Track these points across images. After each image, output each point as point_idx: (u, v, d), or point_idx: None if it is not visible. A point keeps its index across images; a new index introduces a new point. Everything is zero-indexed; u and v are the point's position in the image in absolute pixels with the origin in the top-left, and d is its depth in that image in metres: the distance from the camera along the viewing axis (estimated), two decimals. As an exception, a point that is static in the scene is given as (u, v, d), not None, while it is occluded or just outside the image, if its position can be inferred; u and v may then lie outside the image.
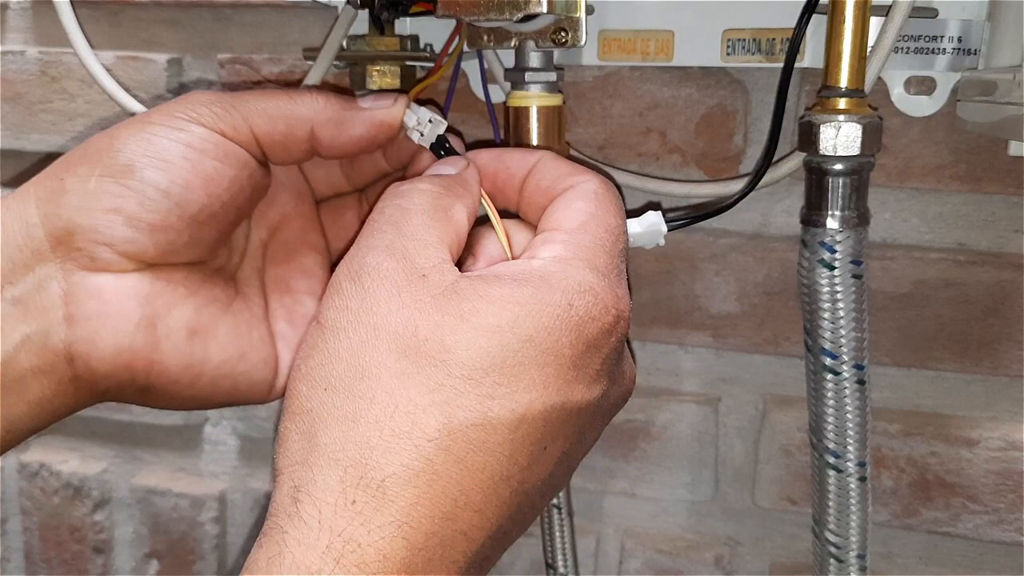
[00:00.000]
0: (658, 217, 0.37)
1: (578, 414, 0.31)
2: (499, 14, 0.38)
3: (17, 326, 0.33)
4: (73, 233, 0.33)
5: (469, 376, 0.28)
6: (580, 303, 0.30)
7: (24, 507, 0.67)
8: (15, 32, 0.59)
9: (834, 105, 0.39)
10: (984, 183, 0.45)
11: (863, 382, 0.41)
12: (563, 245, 0.32)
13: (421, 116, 0.37)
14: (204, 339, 0.36)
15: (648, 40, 0.46)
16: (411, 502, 0.27)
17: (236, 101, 0.35)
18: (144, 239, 0.34)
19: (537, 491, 0.31)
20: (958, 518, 0.49)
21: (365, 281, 0.30)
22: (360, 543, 0.26)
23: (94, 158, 0.34)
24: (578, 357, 0.30)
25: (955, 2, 0.42)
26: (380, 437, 0.28)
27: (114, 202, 0.33)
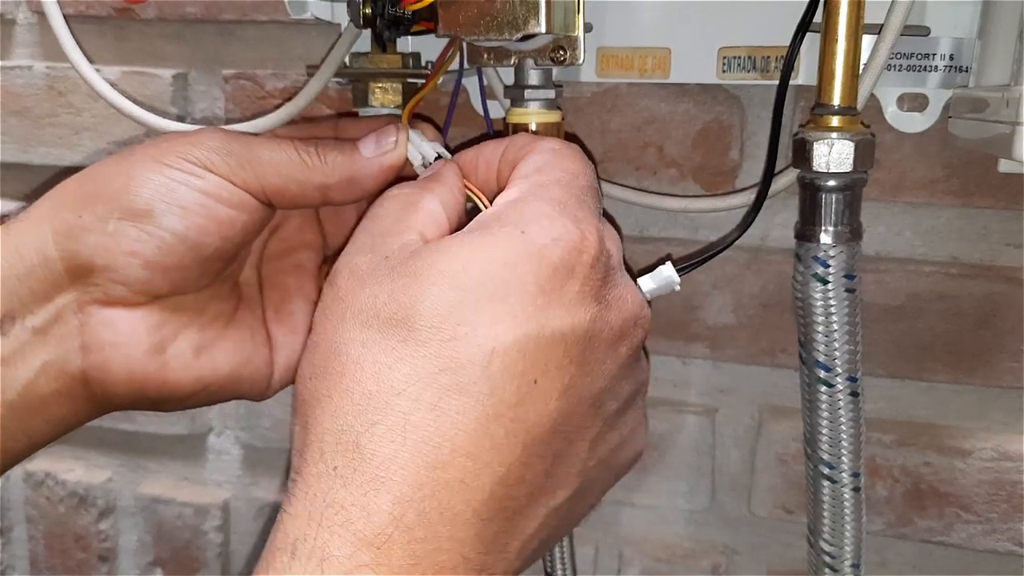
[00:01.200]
0: (670, 270, 0.38)
1: (565, 341, 0.29)
2: (499, 34, 0.39)
3: (37, 353, 0.34)
4: (91, 271, 0.34)
5: (429, 325, 0.28)
6: (534, 229, 0.30)
7: (29, 515, 0.67)
8: (22, 47, 0.60)
9: (827, 123, 0.39)
10: (976, 197, 0.46)
11: (856, 394, 0.42)
12: (517, 189, 0.33)
13: (424, 151, 0.38)
14: (211, 353, 0.38)
15: (645, 57, 0.46)
16: (389, 456, 0.27)
17: (250, 156, 0.36)
18: (159, 279, 0.35)
19: (546, 430, 0.29)
20: (952, 527, 0.49)
21: (338, 280, 0.31)
22: (343, 504, 0.27)
23: (113, 198, 0.34)
24: (545, 282, 0.29)
25: (946, 20, 0.43)
26: (352, 402, 0.28)
27: (132, 245, 0.34)
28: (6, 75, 0.60)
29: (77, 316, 0.35)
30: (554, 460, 0.30)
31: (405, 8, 0.38)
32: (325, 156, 0.37)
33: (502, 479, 0.28)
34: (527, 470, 0.29)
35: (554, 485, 0.31)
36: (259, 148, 0.36)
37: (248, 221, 0.36)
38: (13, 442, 0.35)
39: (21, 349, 0.34)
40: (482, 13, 0.39)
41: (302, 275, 0.42)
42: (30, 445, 0.36)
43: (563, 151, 0.34)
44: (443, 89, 0.48)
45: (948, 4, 0.43)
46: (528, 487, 0.29)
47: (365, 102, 0.45)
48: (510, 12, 0.38)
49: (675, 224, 0.51)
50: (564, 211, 0.31)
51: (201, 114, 0.57)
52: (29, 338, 0.34)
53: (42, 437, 0.36)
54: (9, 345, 0.34)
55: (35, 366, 0.34)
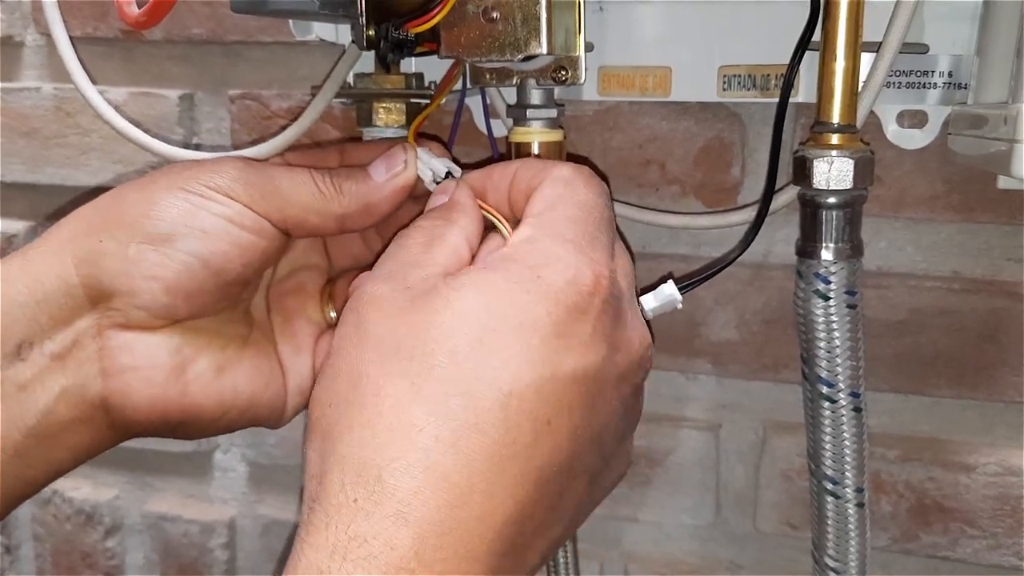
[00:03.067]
0: (672, 288, 0.38)
1: (577, 382, 0.30)
2: (500, 55, 0.39)
3: (56, 379, 0.35)
4: (112, 296, 0.35)
5: (449, 362, 0.29)
6: (548, 272, 0.30)
7: (36, 533, 0.68)
8: (31, 69, 0.61)
9: (827, 140, 0.40)
10: (977, 213, 0.46)
11: (859, 409, 0.42)
12: (530, 227, 0.33)
13: (434, 167, 0.39)
14: (232, 375, 0.38)
15: (646, 76, 0.47)
16: (411, 492, 0.27)
17: (271, 187, 0.36)
18: (180, 303, 0.35)
19: (556, 470, 0.30)
20: (956, 543, 0.49)
21: (359, 306, 0.32)
22: (366, 537, 0.27)
23: (134, 223, 0.35)
24: (560, 325, 0.30)
25: (945, 38, 0.44)
26: (373, 435, 0.28)
27: (154, 270, 0.34)
28: (15, 96, 0.60)
29: (96, 341, 0.35)
30: (559, 497, 0.31)
31: (408, 31, 0.38)
32: (340, 186, 0.37)
33: (514, 517, 0.29)
34: (536, 507, 0.30)
35: (556, 520, 0.31)
36: (279, 178, 0.37)
37: (268, 247, 0.37)
38: (33, 470, 0.36)
39: (39, 375, 0.34)
40: (484, 35, 0.39)
41: (303, 296, 0.43)
42: (50, 473, 0.36)
43: (575, 182, 0.35)
44: (446, 108, 0.48)
45: (946, 21, 0.43)
46: (535, 523, 0.30)
47: (369, 122, 0.46)
48: (511, 34, 0.39)
49: (677, 240, 0.51)
50: (578, 251, 0.31)
51: (208, 134, 0.58)
52: (47, 364, 0.34)
53: (62, 465, 0.36)
54: (27, 371, 0.34)
55: (54, 392, 0.35)
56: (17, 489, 0.36)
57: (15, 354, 0.34)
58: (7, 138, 0.61)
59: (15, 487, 0.36)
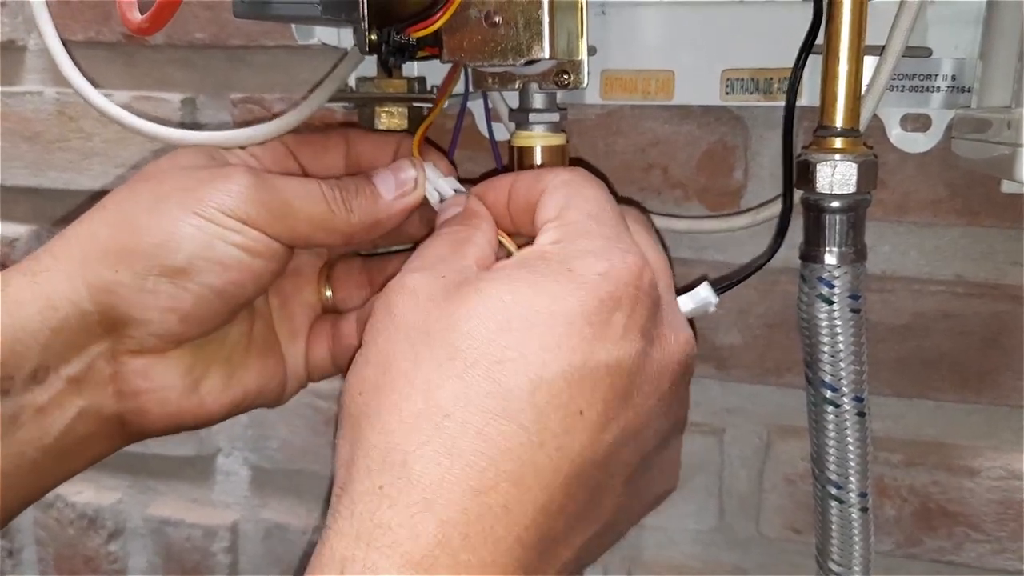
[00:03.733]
0: (707, 290, 0.38)
1: (610, 373, 0.29)
2: (503, 60, 0.39)
3: (73, 401, 0.35)
4: (127, 325, 0.35)
5: (477, 347, 0.28)
6: (581, 265, 0.30)
7: (39, 537, 0.68)
8: (33, 73, 0.61)
9: (830, 144, 0.40)
10: (981, 217, 0.46)
11: (863, 414, 0.42)
12: (554, 230, 0.33)
13: (441, 188, 0.39)
14: (240, 378, 0.39)
15: (649, 80, 0.47)
16: (436, 479, 0.27)
17: (281, 206, 0.37)
18: (193, 329, 0.36)
19: (591, 462, 0.29)
20: (961, 547, 0.49)
21: (392, 296, 0.31)
22: (390, 525, 0.26)
23: (151, 254, 0.35)
24: (592, 314, 0.29)
25: (948, 41, 0.43)
26: (400, 420, 0.28)
27: (171, 302, 0.35)
28: (17, 100, 0.60)
29: (110, 364, 0.36)
30: (593, 492, 0.30)
31: (410, 35, 0.38)
32: (350, 204, 0.38)
33: (544, 507, 0.28)
34: (568, 500, 0.29)
35: (591, 516, 0.31)
36: (289, 195, 0.37)
37: (276, 268, 0.37)
38: (48, 479, 0.37)
39: (57, 398, 0.35)
40: (486, 39, 0.39)
41: (300, 279, 0.43)
42: (64, 478, 0.37)
43: (575, 181, 0.35)
44: (448, 113, 0.48)
45: (950, 25, 0.43)
46: (568, 517, 0.29)
47: (372, 126, 0.46)
48: (514, 38, 0.39)
49: (680, 244, 0.51)
50: (608, 245, 0.31)
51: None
52: (64, 387, 0.35)
53: (76, 470, 0.37)
54: (44, 394, 0.35)
55: (71, 414, 0.35)
56: (30, 496, 0.37)
57: (32, 379, 0.34)
58: (10, 142, 0.61)
59: (28, 494, 0.36)
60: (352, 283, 0.44)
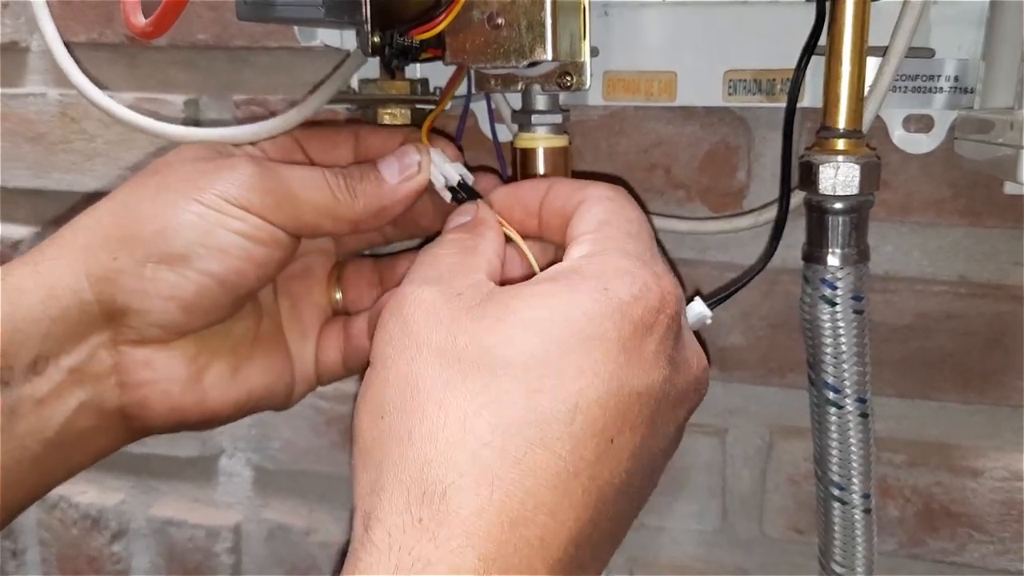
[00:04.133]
0: (701, 305, 0.38)
1: (640, 400, 0.29)
2: (505, 61, 0.39)
3: (74, 392, 0.35)
4: (127, 314, 0.35)
5: (513, 374, 0.28)
6: (617, 285, 0.30)
7: (42, 538, 0.68)
8: (36, 74, 0.61)
9: (832, 146, 0.40)
10: (984, 217, 0.46)
11: (866, 415, 0.42)
12: (590, 243, 0.32)
13: (447, 172, 0.39)
14: (246, 374, 0.39)
15: (652, 81, 0.47)
16: (475, 511, 0.26)
17: (285, 194, 0.36)
18: (194, 319, 0.36)
19: (615, 490, 0.29)
20: (964, 548, 0.49)
21: (405, 310, 0.30)
22: (430, 559, 0.26)
23: (150, 241, 0.34)
24: (627, 340, 0.29)
25: (951, 42, 0.43)
26: (436, 450, 0.27)
27: (171, 290, 0.35)
28: (20, 102, 0.60)
29: (111, 355, 0.35)
30: (615, 518, 0.30)
31: (413, 38, 0.38)
32: (355, 189, 0.37)
33: (575, 537, 0.28)
34: (595, 528, 0.29)
35: (610, 541, 0.31)
36: (293, 183, 0.37)
37: (281, 257, 0.37)
38: (51, 474, 0.36)
39: (57, 389, 0.35)
40: (489, 41, 0.39)
41: (311, 280, 0.43)
42: (68, 474, 0.37)
43: (617, 199, 0.34)
44: (451, 113, 0.48)
45: (952, 25, 0.43)
46: (593, 545, 0.29)
47: (374, 127, 0.46)
48: (516, 40, 0.39)
49: (683, 245, 0.51)
50: (644, 266, 0.31)
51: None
52: (64, 378, 0.35)
53: (80, 466, 0.37)
54: (44, 385, 0.34)
55: (72, 406, 0.35)
56: (35, 492, 0.36)
57: (31, 369, 0.34)
58: (13, 143, 0.61)
59: (32, 490, 0.36)
60: (363, 284, 0.44)
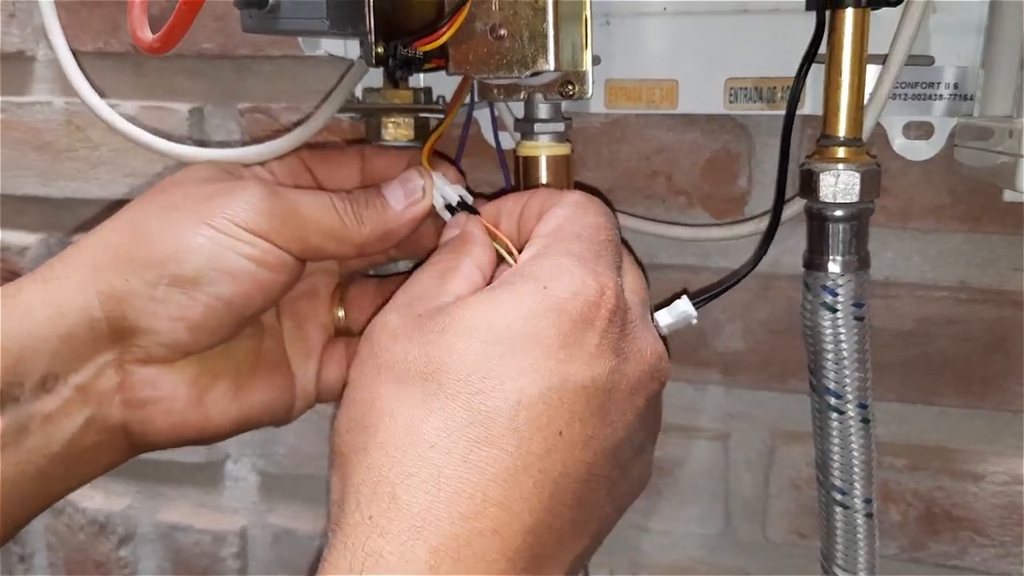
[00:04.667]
0: (687, 304, 0.39)
1: (586, 392, 0.30)
2: (508, 72, 0.40)
3: (81, 409, 0.36)
4: (136, 333, 0.36)
5: (457, 378, 0.29)
6: (554, 284, 0.31)
7: (50, 543, 0.68)
8: (42, 83, 0.61)
9: (833, 154, 0.40)
10: (983, 223, 0.47)
11: (867, 420, 0.42)
12: (537, 245, 0.34)
13: (447, 194, 0.40)
14: (247, 393, 0.39)
15: (653, 89, 0.47)
16: (424, 507, 0.27)
17: (293, 218, 0.37)
18: (201, 340, 0.36)
19: (574, 480, 0.30)
20: (965, 551, 0.50)
21: (373, 334, 0.32)
22: (382, 553, 0.27)
23: (161, 263, 0.35)
24: (566, 335, 0.30)
25: (950, 49, 0.44)
26: (387, 456, 0.29)
27: (180, 312, 0.35)
28: (27, 110, 0.61)
29: (118, 373, 0.36)
30: (578, 508, 0.31)
31: (416, 49, 0.38)
32: (361, 215, 0.38)
33: (532, 528, 0.29)
34: (554, 519, 0.30)
35: (578, 532, 0.31)
36: (301, 207, 0.37)
37: (287, 280, 0.38)
38: (55, 488, 0.37)
39: (64, 407, 0.35)
40: (492, 52, 0.39)
41: (315, 300, 0.44)
42: (69, 489, 0.37)
43: (584, 205, 0.35)
44: (455, 122, 0.48)
45: (952, 33, 0.43)
46: (556, 535, 0.30)
47: (379, 137, 0.46)
48: (519, 51, 0.39)
49: (684, 251, 0.51)
50: (583, 265, 0.32)
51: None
52: (72, 395, 0.35)
53: (81, 482, 0.38)
54: (52, 403, 0.35)
55: (79, 422, 0.36)
56: (38, 505, 0.37)
57: (40, 386, 0.35)
58: (20, 151, 0.61)
59: (34, 504, 0.37)
60: (366, 304, 0.44)
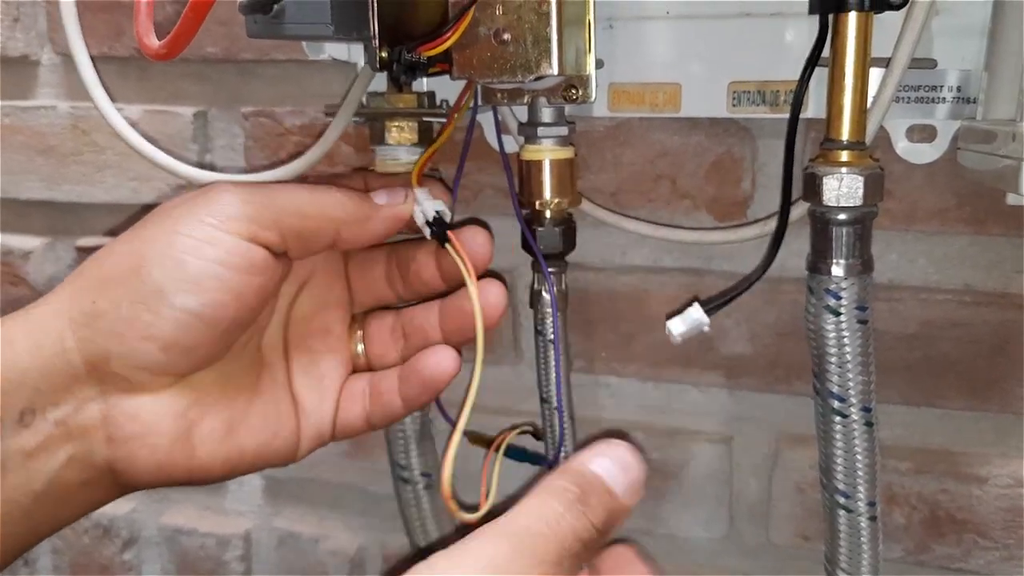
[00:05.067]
0: (698, 311, 0.39)
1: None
2: (512, 76, 0.40)
3: (63, 446, 0.34)
4: (108, 359, 0.34)
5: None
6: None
7: (55, 546, 0.68)
8: (47, 87, 0.62)
9: (836, 157, 0.40)
10: (988, 225, 0.47)
11: (871, 424, 0.42)
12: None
13: (426, 209, 0.40)
14: (239, 432, 0.37)
15: (656, 92, 0.47)
16: None
17: (267, 199, 0.35)
18: (179, 359, 0.35)
19: None
20: (970, 554, 0.50)
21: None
22: None
23: (125, 281, 0.34)
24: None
25: (953, 53, 0.44)
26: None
27: (148, 330, 0.34)
28: (32, 115, 0.61)
29: (100, 406, 0.34)
30: None
31: (420, 54, 0.38)
32: (341, 194, 0.37)
33: None
34: None
35: None
36: (278, 190, 0.36)
37: (262, 283, 0.36)
38: (41, 527, 0.35)
39: (45, 443, 0.34)
40: (495, 56, 0.40)
41: (329, 337, 0.42)
42: (55, 528, 0.36)
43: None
44: (459, 125, 0.48)
45: (955, 36, 0.43)
46: None
47: (382, 140, 0.46)
48: (523, 55, 0.39)
49: (689, 255, 0.51)
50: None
51: (221, 150, 0.58)
52: (52, 431, 0.34)
53: (68, 520, 0.36)
54: (32, 439, 0.33)
55: (61, 460, 0.34)
56: (25, 544, 0.35)
57: (18, 421, 0.33)
58: (25, 156, 0.62)
59: (23, 542, 0.35)
60: (386, 337, 0.43)
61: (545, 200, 0.44)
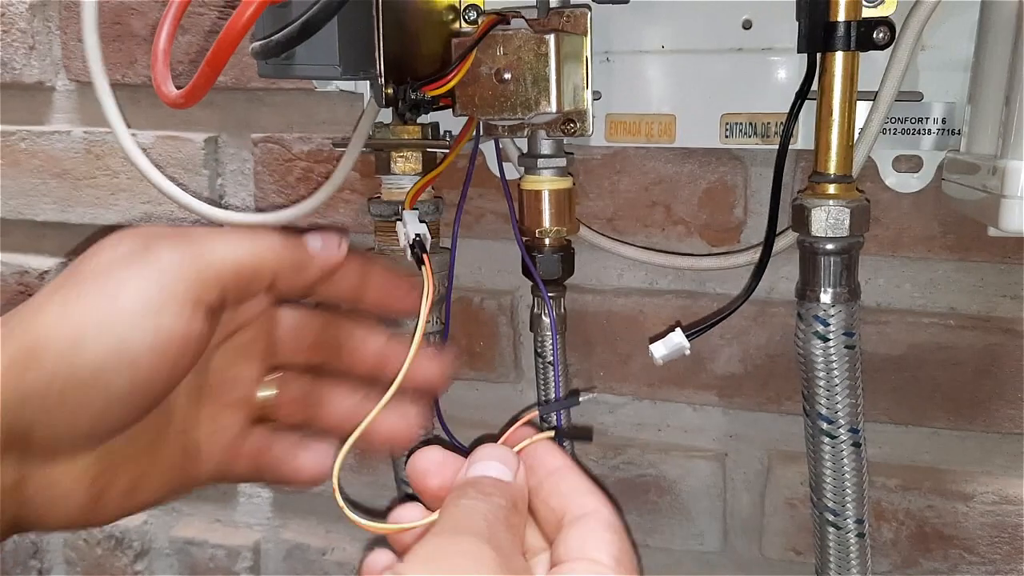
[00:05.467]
0: (680, 336, 0.41)
1: None
2: (512, 113, 0.42)
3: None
4: (33, 431, 0.32)
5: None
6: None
7: (68, 558, 0.70)
8: (61, 113, 0.63)
9: (824, 190, 0.42)
10: (972, 252, 0.48)
11: (859, 444, 0.44)
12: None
13: (409, 230, 0.40)
14: (142, 489, 0.37)
15: (652, 123, 0.49)
16: None
17: (209, 252, 0.34)
18: (103, 431, 0.34)
19: None
20: (956, 568, 0.51)
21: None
22: None
23: (60, 356, 0.32)
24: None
25: (938, 86, 0.45)
26: None
27: (78, 409, 0.32)
28: (47, 139, 0.63)
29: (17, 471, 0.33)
30: None
31: (425, 93, 0.40)
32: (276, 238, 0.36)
33: None
34: None
35: None
36: (213, 237, 0.35)
37: (198, 351, 0.34)
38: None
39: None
40: (496, 95, 0.41)
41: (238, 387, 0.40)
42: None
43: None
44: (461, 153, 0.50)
45: (939, 70, 0.45)
46: None
47: (388, 171, 0.48)
48: (523, 94, 0.41)
49: (683, 278, 0.53)
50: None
51: (231, 175, 0.60)
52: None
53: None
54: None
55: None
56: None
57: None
58: (40, 179, 0.63)
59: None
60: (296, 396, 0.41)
61: (544, 228, 0.46)
